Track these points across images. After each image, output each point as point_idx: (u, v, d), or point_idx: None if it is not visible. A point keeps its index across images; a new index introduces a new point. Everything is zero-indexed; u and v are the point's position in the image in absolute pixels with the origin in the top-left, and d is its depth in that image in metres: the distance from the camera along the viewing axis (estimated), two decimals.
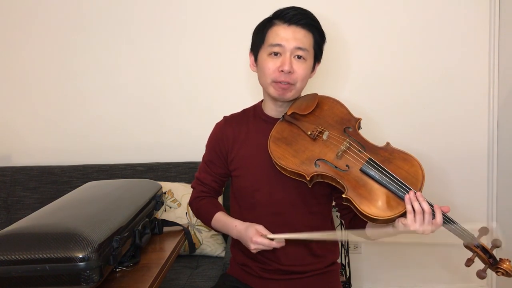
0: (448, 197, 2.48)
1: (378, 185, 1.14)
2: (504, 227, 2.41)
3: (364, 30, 2.39)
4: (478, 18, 2.37)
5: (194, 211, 1.49)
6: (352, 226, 1.32)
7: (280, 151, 1.24)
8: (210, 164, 1.44)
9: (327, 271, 1.39)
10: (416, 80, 2.40)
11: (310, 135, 1.25)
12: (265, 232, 1.22)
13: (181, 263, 2.03)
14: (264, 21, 1.32)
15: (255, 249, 1.22)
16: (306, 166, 1.20)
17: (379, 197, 1.12)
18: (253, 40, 1.35)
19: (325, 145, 1.23)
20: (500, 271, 1.05)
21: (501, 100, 2.37)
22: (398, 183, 1.12)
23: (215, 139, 1.42)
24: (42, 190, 2.27)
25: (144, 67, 2.41)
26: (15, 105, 2.45)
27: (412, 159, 1.19)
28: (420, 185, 1.13)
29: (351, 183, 1.15)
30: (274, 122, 1.33)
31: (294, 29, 1.24)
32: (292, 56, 1.25)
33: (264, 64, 1.27)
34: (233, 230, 1.31)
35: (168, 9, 2.37)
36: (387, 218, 1.10)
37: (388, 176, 1.14)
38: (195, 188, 1.49)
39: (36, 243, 0.99)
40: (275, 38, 1.25)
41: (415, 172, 1.16)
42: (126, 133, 2.44)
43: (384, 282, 2.55)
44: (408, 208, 1.07)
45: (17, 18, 2.39)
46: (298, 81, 1.28)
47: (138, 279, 1.12)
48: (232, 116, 1.45)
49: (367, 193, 1.13)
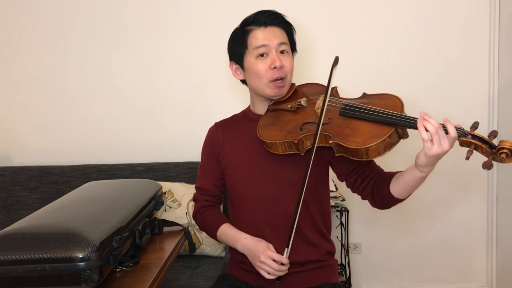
0: (448, 197, 2.48)
1: (360, 121, 1.18)
2: (504, 227, 2.41)
3: (364, 29, 2.39)
4: (478, 17, 2.37)
5: (199, 224, 1.51)
6: (376, 199, 1.29)
7: (268, 131, 1.31)
8: (206, 167, 1.49)
9: (324, 265, 1.40)
10: (416, 80, 2.40)
11: (291, 109, 1.32)
12: (276, 255, 1.25)
13: (181, 263, 2.03)
14: (237, 31, 1.39)
15: (260, 269, 1.27)
16: (292, 134, 1.25)
17: (363, 130, 1.16)
18: (232, 51, 1.40)
19: (307, 111, 1.29)
20: (504, 152, 1.00)
21: (501, 100, 2.37)
22: (378, 111, 1.16)
23: (208, 143, 1.49)
24: (42, 190, 2.27)
25: (144, 67, 2.41)
26: (15, 105, 2.45)
27: (388, 95, 1.25)
28: (400, 109, 1.16)
29: (335, 130, 1.19)
30: None
31: (271, 29, 1.33)
32: (278, 52, 1.33)
33: (254, 67, 1.34)
34: (240, 242, 1.34)
35: (167, 10, 2.38)
36: (375, 144, 1.11)
37: (366, 109, 1.19)
38: (197, 199, 1.51)
39: (36, 243, 0.99)
40: (258, 40, 1.32)
41: (393, 102, 1.20)
42: (126, 133, 2.45)
43: (384, 282, 2.55)
44: (424, 137, 1.07)
45: (17, 19, 2.40)
46: (288, 73, 1.36)
47: (138, 279, 1.12)
48: (222, 120, 1.52)
49: (351, 131, 1.17)
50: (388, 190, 1.23)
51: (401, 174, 1.21)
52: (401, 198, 1.24)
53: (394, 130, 1.12)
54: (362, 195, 1.34)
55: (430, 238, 2.50)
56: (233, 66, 1.42)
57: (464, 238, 2.50)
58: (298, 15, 2.31)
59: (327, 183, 1.44)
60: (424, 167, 1.13)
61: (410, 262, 2.53)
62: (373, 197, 1.30)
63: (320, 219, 1.40)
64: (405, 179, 1.19)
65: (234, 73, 1.43)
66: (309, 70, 2.31)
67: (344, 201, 2.18)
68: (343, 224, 2.34)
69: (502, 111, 2.37)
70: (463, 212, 2.48)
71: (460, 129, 1.08)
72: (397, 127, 1.13)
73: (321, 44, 2.36)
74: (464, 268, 2.53)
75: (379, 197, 1.27)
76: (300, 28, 1.47)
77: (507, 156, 1.01)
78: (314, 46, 2.35)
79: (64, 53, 2.41)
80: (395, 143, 1.15)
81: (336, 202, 2.26)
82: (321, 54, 2.34)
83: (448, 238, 2.50)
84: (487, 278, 2.51)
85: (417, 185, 1.19)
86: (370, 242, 2.52)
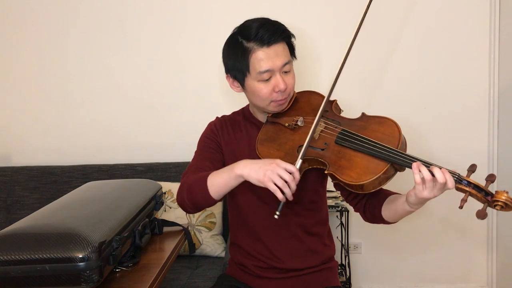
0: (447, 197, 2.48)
1: (356, 152, 1.16)
2: (503, 227, 2.41)
3: (364, 30, 2.38)
4: (478, 18, 2.36)
5: (185, 192, 1.23)
6: (367, 215, 1.31)
7: (266, 149, 1.29)
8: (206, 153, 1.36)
9: (325, 268, 1.40)
10: (416, 80, 2.40)
11: (288, 127, 1.30)
12: (288, 164, 1.08)
13: (181, 263, 2.03)
14: (235, 44, 1.27)
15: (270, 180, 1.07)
16: (290, 156, 1.23)
17: (358, 163, 1.14)
18: (230, 65, 1.30)
19: (304, 132, 1.27)
20: (499, 204, 1.01)
21: (501, 100, 2.37)
22: (375, 145, 1.14)
23: (211, 132, 1.40)
24: (42, 190, 2.27)
25: (144, 67, 2.41)
26: (15, 105, 2.45)
27: (387, 120, 1.21)
28: (398, 142, 1.14)
29: (331, 159, 1.18)
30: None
31: (274, 48, 1.24)
32: (281, 73, 1.26)
33: (256, 90, 1.27)
34: (241, 162, 1.15)
35: (167, 10, 2.37)
36: (370, 181, 1.11)
37: (362, 141, 1.16)
38: (185, 175, 1.31)
39: (36, 243, 0.99)
40: (261, 64, 1.23)
41: (391, 131, 1.18)
42: (126, 133, 2.44)
43: (384, 282, 2.55)
44: (416, 180, 1.06)
45: (16, 19, 2.39)
46: (291, 91, 1.31)
47: (138, 279, 1.12)
48: (223, 116, 1.46)
49: (347, 163, 1.15)
50: (380, 212, 1.26)
51: (393, 201, 1.22)
52: (391, 222, 1.28)
53: (390, 166, 1.11)
54: (355, 208, 1.36)
55: (430, 238, 2.50)
56: (230, 79, 1.34)
57: (464, 238, 2.50)
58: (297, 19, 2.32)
59: (325, 186, 1.43)
60: (414, 205, 1.14)
61: (410, 262, 2.53)
62: (365, 212, 1.32)
63: (319, 225, 1.40)
64: (396, 209, 1.21)
65: (231, 85, 1.35)
66: (311, 75, 2.30)
67: (344, 201, 2.18)
68: (343, 224, 2.34)
69: (502, 111, 2.37)
70: (463, 212, 2.48)
71: (456, 175, 1.06)
72: (393, 163, 1.12)
73: (326, 49, 2.36)
74: (464, 268, 2.52)
75: (371, 214, 1.30)
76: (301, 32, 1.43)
77: (501, 208, 1.02)
78: (315, 50, 2.35)
79: (64, 53, 2.41)
80: (391, 177, 1.14)
81: (336, 202, 2.26)
82: (322, 57, 2.34)
83: (448, 238, 2.50)
84: (487, 278, 2.51)
85: (406, 215, 1.22)
86: (370, 242, 2.52)
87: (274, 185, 1.06)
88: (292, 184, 1.07)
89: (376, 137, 1.17)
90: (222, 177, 1.17)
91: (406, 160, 1.09)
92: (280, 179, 1.06)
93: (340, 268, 2.36)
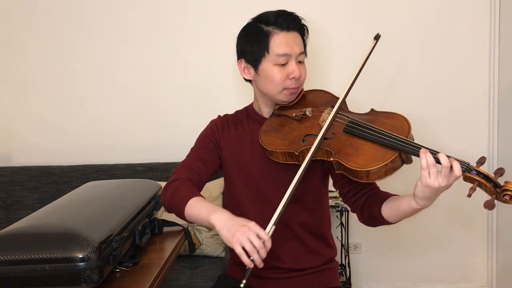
0: (447, 197, 2.48)
1: (364, 140, 1.15)
2: (504, 227, 2.41)
3: (364, 30, 2.39)
4: (479, 18, 2.37)
5: (168, 194, 1.24)
6: (364, 215, 1.27)
7: (270, 138, 1.28)
8: (201, 152, 1.36)
9: (325, 268, 1.39)
10: (416, 80, 2.40)
11: (296, 117, 1.29)
12: (261, 230, 1.03)
13: (181, 263, 2.03)
14: (253, 28, 1.29)
15: (237, 243, 1.02)
16: (294, 145, 1.23)
17: (366, 151, 1.13)
18: (245, 49, 1.31)
19: (311, 122, 1.27)
20: (508, 194, 0.99)
21: (501, 100, 2.37)
22: (384, 133, 1.13)
23: (210, 130, 1.41)
24: (42, 190, 2.27)
25: (144, 68, 2.41)
26: (15, 105, 2.45)
27: (396, 114, 1.21)
28: (407, 133, 1.13)
29: (337, 147, 1.17)
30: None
31: (292, 34, 1.27)
32: (297, 62, 1.28)
33: (271, 74, 1.27)
34: (220, 212, 1.11)
35: (168, 10, 2.37)
36: (377, 168, 1.09)
37: (370, 129, 1.15)
38: (178, 172, 1.31)
39: (36, 243, 0.99)
40: (280, 47, 1.25)
41: (400, 124, 1.17)
42: (126, 133, 2.44)
43: (384, 282, 2.55)
44: (422, 164, 1.03)
45: (17, 19, 2.39)
46: (303, 82, 1.33)
47: (138, 279, 1.12)
48: (225, 115, 1.46)
49: (353, 150, 1.14)
50: (379, 211, 1.21)
51: (397, 198, 1.19)
52: (391, 222, 1.22)
53: (397, 155, 1.09)
54: (352, 208, 1.32)
55: (430, 238, 2.50)
56: (242, 64, 1.33)
57: (464, 239, 2.50)
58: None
59: (327, 186, 1.42)
60: (420, 199, 1.09)
61: (410, 262, 2.53)
62: (362, 212, 1.28)
63: (322, 225, 1.39)
64: (400, 206, 1.16)
65: (242, 72, 1.35)
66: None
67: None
68: (343, 224, 2.34)
69: (502, 111, 2.37)
70: (463, 212, 2.48)
71: (465, 164, 1.05)
72: (401, 152, 1.10)
73: (327, 49, 2.35)
74: (464, 268, 2.52)
75: (368, 214, 1.25)
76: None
77: (510, 198, 1.00)
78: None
79: (64, 53, 2.41)
80: (398, 168, 1.12)
81: (336, 202, 2.26)
82: (324, 56, 2.34)
83: (448, 238, 2.50)
84: (487, 278, 2.51)
85: (410, 214, 1.16)
86: (370, 242, 2.52)
87: (241, 249, 1.01)
88: (261, 252, 1.01)
89: (385, 128, 1.16)
90: (200, 212, 1.15)
91: (415, 148, 1.07)
92: (249, 243, 1.01)
93: (340, 268, 2.36)
